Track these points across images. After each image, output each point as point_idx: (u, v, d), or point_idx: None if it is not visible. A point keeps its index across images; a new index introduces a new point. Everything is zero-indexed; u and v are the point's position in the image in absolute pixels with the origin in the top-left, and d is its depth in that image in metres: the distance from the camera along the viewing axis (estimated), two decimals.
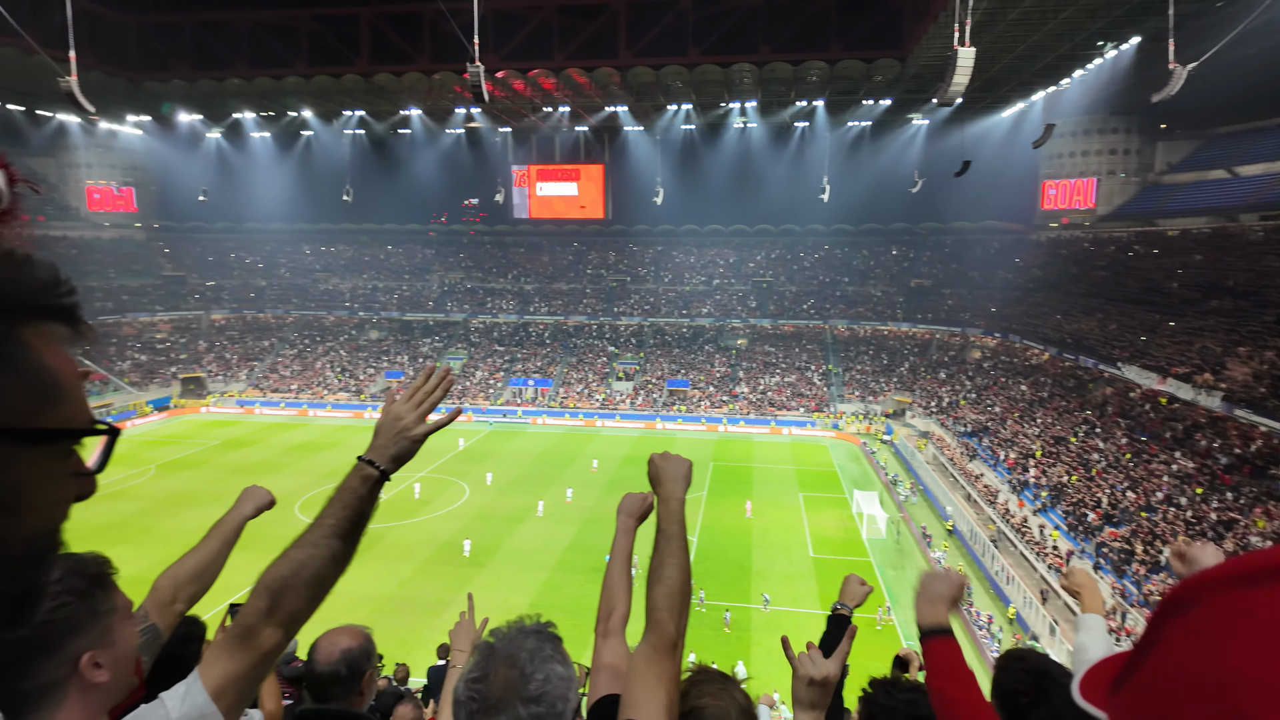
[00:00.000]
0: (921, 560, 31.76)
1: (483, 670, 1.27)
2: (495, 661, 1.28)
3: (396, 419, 1.64)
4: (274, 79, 54.20)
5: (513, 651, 1.30)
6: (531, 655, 1.29)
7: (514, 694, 1.23)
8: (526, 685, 1.25)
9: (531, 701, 1.23)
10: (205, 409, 59.76)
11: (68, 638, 1.30)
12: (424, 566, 30.16)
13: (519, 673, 1.26)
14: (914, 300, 67.00)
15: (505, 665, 1.27)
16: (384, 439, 1.63)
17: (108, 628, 1.37)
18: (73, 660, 1.29)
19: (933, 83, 44.65)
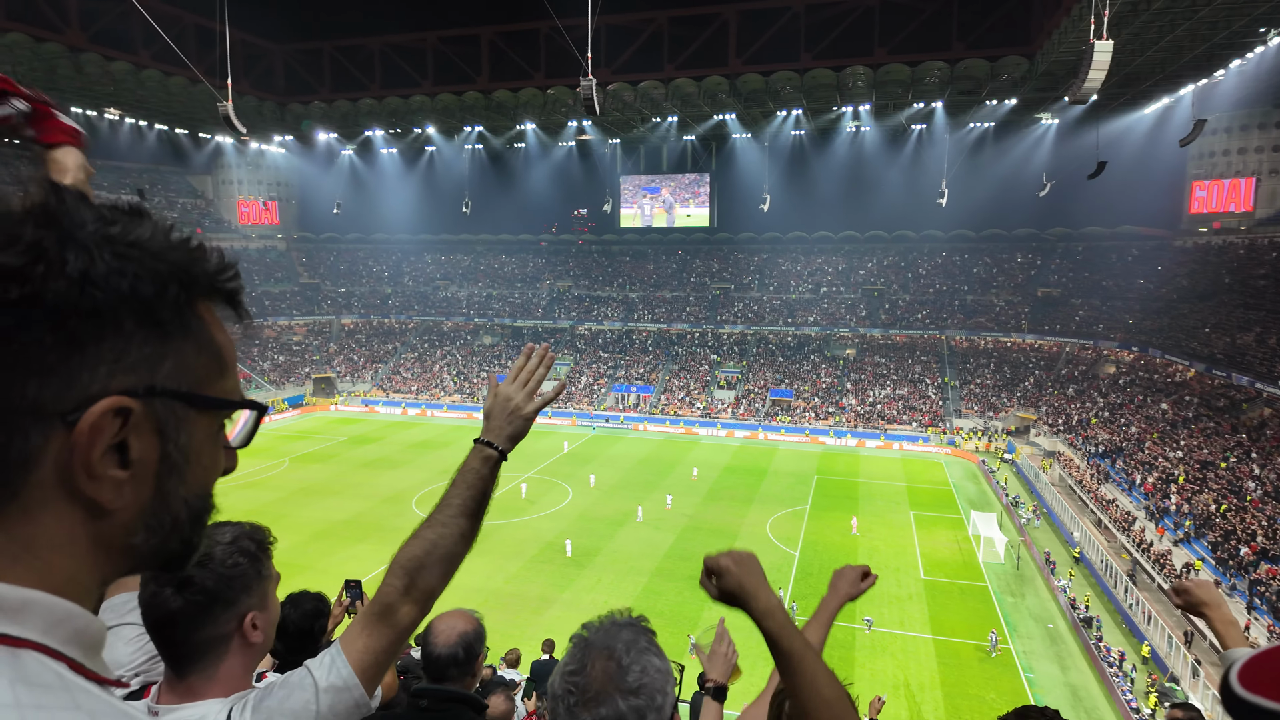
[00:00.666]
0: (1044, 588, 29.67)
1: (579, 662, 1.26)
2: (592, 653, 1.26)
3: (507, 400, 1.73)
4: (402, 98, 57.79)
5: (609, 643, 1.28)
6: (628, 647, 1.27)
7: (613, 685, 1.22)
8: (625, 676, 1.23)
9: (631, 694, 1.21)
10: (334, 407, 64.15)
11: (240, 594, 1.43)
12: (529, 564, 31.06)
13: (617, 664, 1.24)
14: (1041, 310, 62.85)
15: (603, 657, 1.25)
16: (498, 420, 1.72)
17: (266, 592, 1.51)
18: (240, 617, 1.43)
19: (1064, 80, 41.89)
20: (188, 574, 1.37)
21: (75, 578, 0.61)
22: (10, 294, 0.55)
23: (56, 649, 0.57)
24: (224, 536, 1.48)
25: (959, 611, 27.39)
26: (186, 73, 44.81)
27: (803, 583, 29.62)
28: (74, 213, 0.60)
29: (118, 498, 0.61)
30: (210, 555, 1.42)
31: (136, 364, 0.61)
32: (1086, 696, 22.39)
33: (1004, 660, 24.14)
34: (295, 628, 3.00)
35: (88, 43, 45.62)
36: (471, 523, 1.59)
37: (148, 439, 0.62)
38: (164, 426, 0.63)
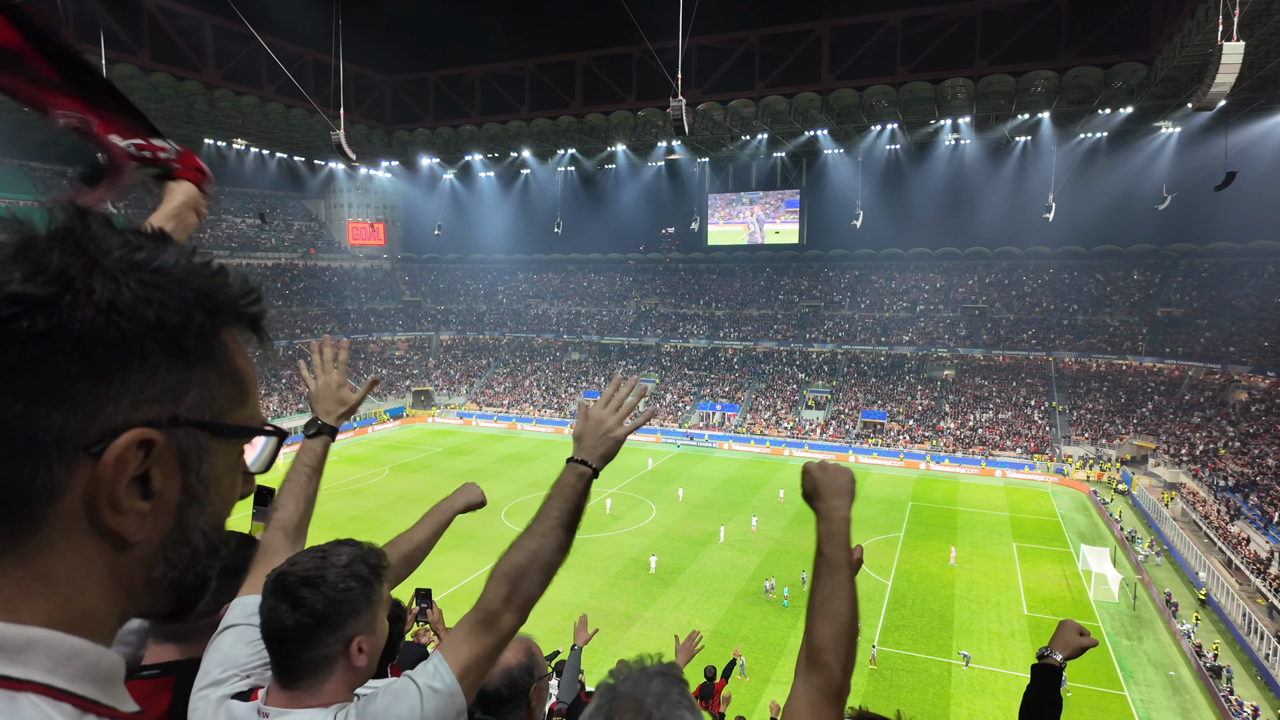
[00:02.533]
0: (1164, 631, 27.34)
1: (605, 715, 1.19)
2: (619, 706, 1.20)
3: (600, 423, 1.81)
4: (500, 124, 60.17)
5: (638, 695, 1.21)
6: (659, 700, 1.20)
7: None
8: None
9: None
10: (431, 419, 66.77)
11: (348, 619, 1.47)
12: (614, 579, 31.21)
13: (646, 717, 1.18)
14: (1160, 332, 58.47)
15: (631, 711, 1.19)
16: (590, 441, 1.81)
17: (375, 616, 1.55)
18: (347, 640, 1.47)
19: (1187, 86, 39.15)
20: (300, 594, 1.43)
21: (92, 612, 0.60)
22: (38, 325, 0.54)
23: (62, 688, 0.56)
24: (340, 559, 1.51)
25: None
26: (305, 105, 48.27)
27: (895, 613, 28.45)
28: (100, 238, 0.59)
29: (140, 529, 0.61)
30: (323, 577, 1.46)
31: (161, 394, 0.60)
32: None
33: (1116, 707, 22.36)
34: None
35: (221, 80, 49.86)
36: (568, 534, 1.67)
37: (170, 470, 0.62)
38: (186, 457, 0.63)
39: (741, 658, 22.26)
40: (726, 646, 25.54)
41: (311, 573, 1.47)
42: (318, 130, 54.77)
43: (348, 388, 2.10)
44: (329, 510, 39.75)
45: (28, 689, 0.54)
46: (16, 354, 0.54)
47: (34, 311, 0.54)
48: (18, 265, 0.56)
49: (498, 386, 71.30)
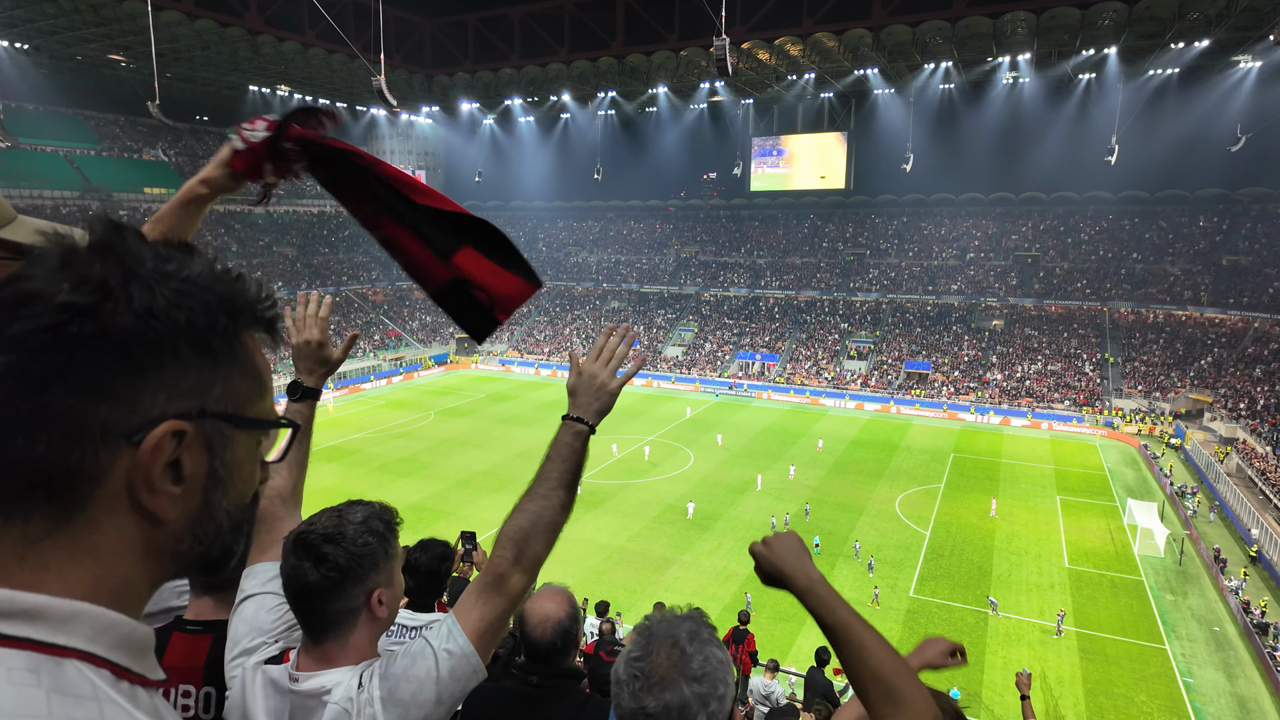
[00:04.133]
0: (1210, 587, 26.92)
1: (644, 649, 1.29)
2: (656, 641, 1.30)
3: (593, 377, 1.82)
4: (540, 66, 59.13)
5: (673, 632, 1.31)
6: (691, 637, 1.30)
7: (678, 671, 1.25)
8: (689, 663, 1.26)
9: (695, 680, 1.25)
10: (474, 365, 67.95)
11: (369, 571, 1.55)
12: (651, 524, 31.83)
13: (680, 651, 1.27)
14: (1225, 281, 55.85)
15: (666, 644, 1.29)
16: (585, 397, 1.82)
17: (393, 569, 1.63)
18: (369, 592, 1.55)
19: (1269, 16, 36.41)
20: (323, 551, 1.51)
21: (129, 581, 0.70)
22: (85, 329, 0.63)
23: (102, 656, 0.64)
24: (355, 516, 1.58)
25: (1108, 605, 25.45)
26: (346, 50, 48.04)
27: (932, 563, 28.53)
28: (135, 251, 0.68)
29: (172, 509, 0.69)
30: (343, 533, 1.54)
31: (191, 389, 0.69)
32: (1256, 710, 20.27)
33: (1158, 660, 22.25)
34: (426, 569, 3.30)
35: (263, 25, 49.83)
36: (569, 494, 1.69)
37: (199, 456, 0.70)
38: (212, 445, 0.72)
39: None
40: (762, 592, 25.98)
41: (331, 530, 1.55)
42: (359, 76, 54.61)
43: (330, 346, 2.09)
44: (379, 452, 41.14)
45: (72, 655, 0.63)
46: (67, 355, 0.63)
47: (81, 318, 0.63)
48: (65, 277, 0.64)
49: (538, 335, 71.96)
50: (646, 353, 64.54)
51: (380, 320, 69.47)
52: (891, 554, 29.12)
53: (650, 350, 66.22)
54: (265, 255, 68.64)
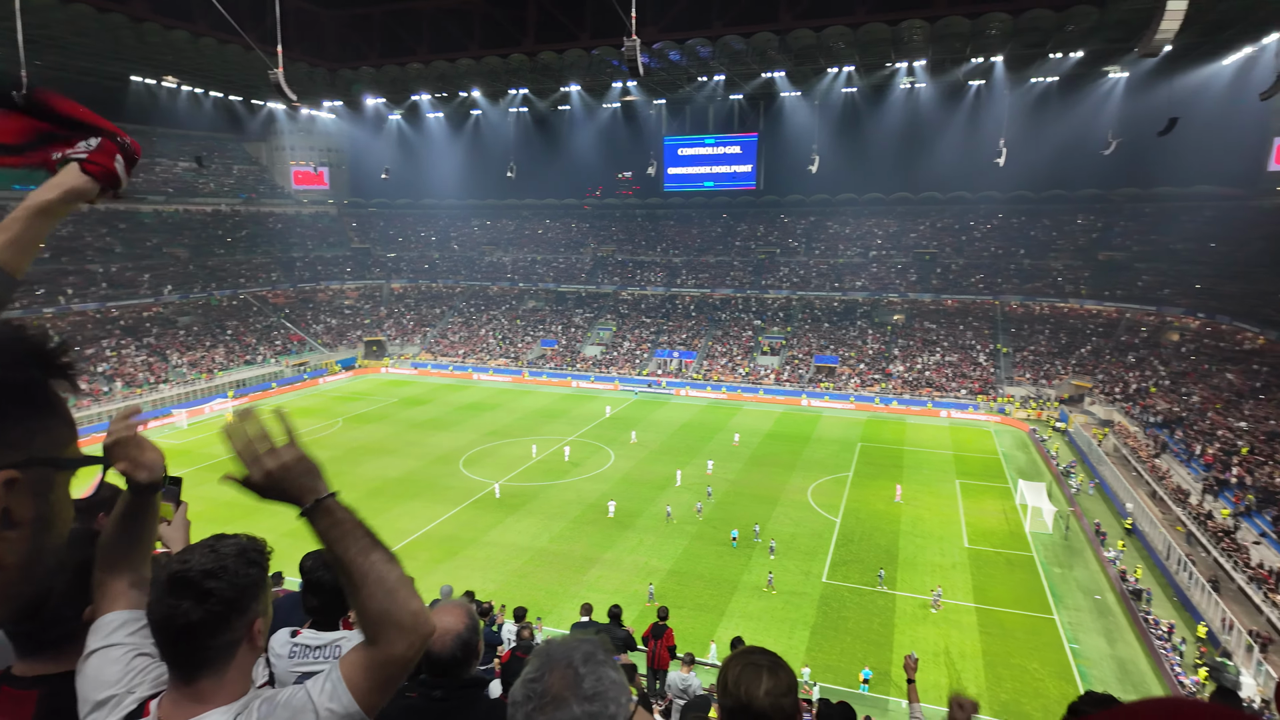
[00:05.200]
0: (1093, 560, 29.13)
1: (539, 671, 1.35)
2: (552, 663, 1.36)
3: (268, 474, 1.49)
4: (449, 61, 57.82)
5: (569, 655, 1.38)
6: (586, 658, 1.37)
7: (570, 691, 1.31)
8: (581, 684, 1.32)
9: (587, 700, 1.31)
10: (384, 369, 65.87)
11: (251, 602, 1.51)
12: (573, 524, 31.74)
13: (574, 673, 1.34)
14: (1102, 275, 60.45)
15: (561, 666, 1.36)
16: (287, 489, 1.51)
17: (269, 600, 1.60)
18: (250, 623, 1.51)
19: (1138, 30, 39.56)
20: (207, 586, 1.44)
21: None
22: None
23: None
24: (230, 549, 1.54)
25: (1004, 581, 27.14)
26: (240, 40, 45.57)
27: (843, 548, 29.66)
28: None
29: (9, 554, 0.74)
30: (224, 567, 1.48)
31: (17, 440, 0.74)
32: (1134, 670, 22.09)
33: (1047, 630, 23.91)
34: (331, 586, 3.17)
35: (149, 12, 46.59)
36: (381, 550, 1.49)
37: (27, 501, 0.75)
38: (39, 489, 0.77)
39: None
40: (684, 586, 26.41)
41: (211, 565, 1.49)
42: (255, 68, 51.80)
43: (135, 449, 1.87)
44: None
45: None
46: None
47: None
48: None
49: (452, 336, 70.46)
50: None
51: (282, 324, 66.35)
52: (806, 542, 30.10)
53: (569, 350, 65.96)
54: (155, 257, 64.33)
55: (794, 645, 22.69)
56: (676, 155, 75.16)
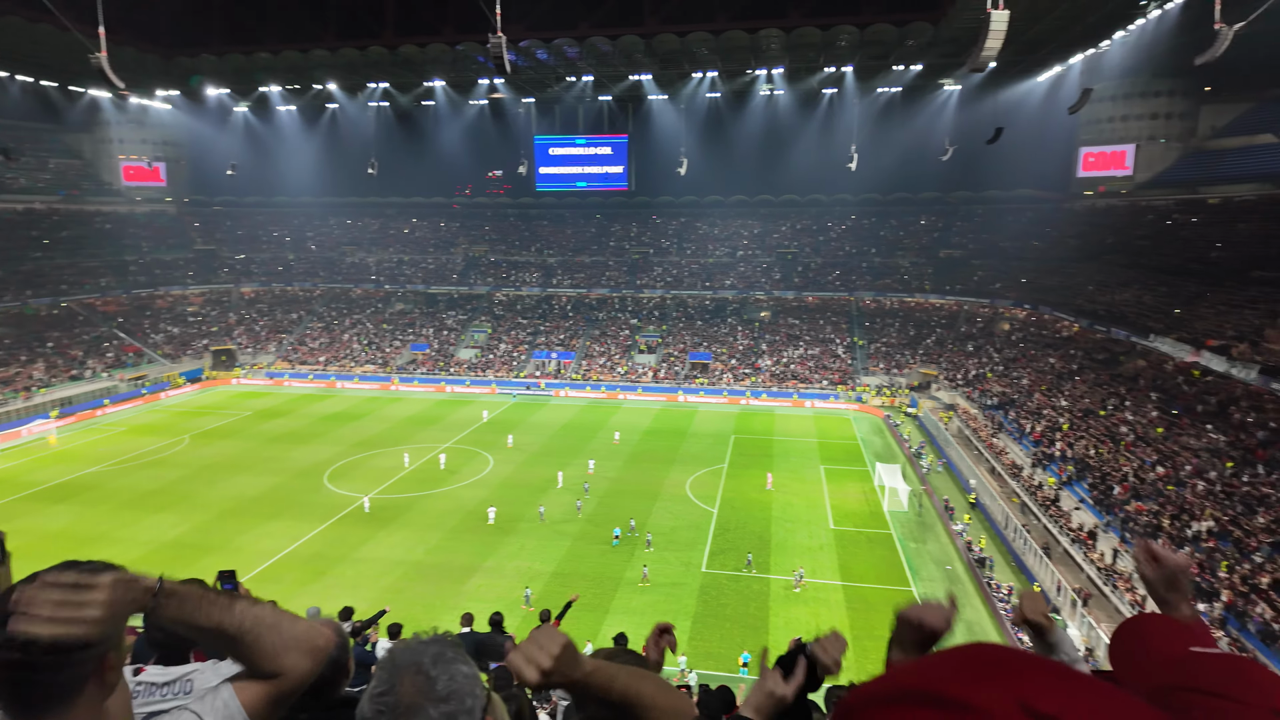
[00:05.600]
0: (943, 533, 31.74)
1: (388, 683, 1.30)
2: (400, 671, 1.32)
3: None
4: (301, 52, 54.32)
5: (416, 659, 1.34)
6: (435, 659, 1.33)
7: (423, 697, 1.28)
8: (434, 686, 1.29)
9: (442, 701, 1.28)
10: (236, 380, 61.14)
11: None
12: (451, 534, 30.84)
13: (425, 677, 1.30)
14: (943, 271, 65.95)
15: (411, 673, 1.31)
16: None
17: (123, 630, 1.45)
18: (100, 656, 1.37)
19: (966, 47, 43.40)
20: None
21: None
22: None
23: None
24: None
25: (867, 558, 29.01)
26: (53, 19, 40.72)
27: (720, 537, 30.64)
28: None
29: None
30: None
31: None
32: (980, 631, 24.25)
33: (906, 601, 25.75)
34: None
35: None
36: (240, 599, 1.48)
37: None
38: None
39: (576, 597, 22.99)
40: (567, 586, 26.31)
41: None
42: (74, 51, 46.37)
43: None
44: (123, 486, 35.63)
45: None
46: None
47: None
48: None
49: (312, 342, 66.50)
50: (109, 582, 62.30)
51: (114, 334, 60.03)
52: (685, 534, 30.85)
53: (441, 354, 63.98)
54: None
55: (676, 636, 23.13)
56: (548, 155, 74.69)
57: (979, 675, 0.45)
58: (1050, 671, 0.46)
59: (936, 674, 0.47)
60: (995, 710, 0.43)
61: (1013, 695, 0.44)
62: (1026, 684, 0.45)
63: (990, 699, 0.44)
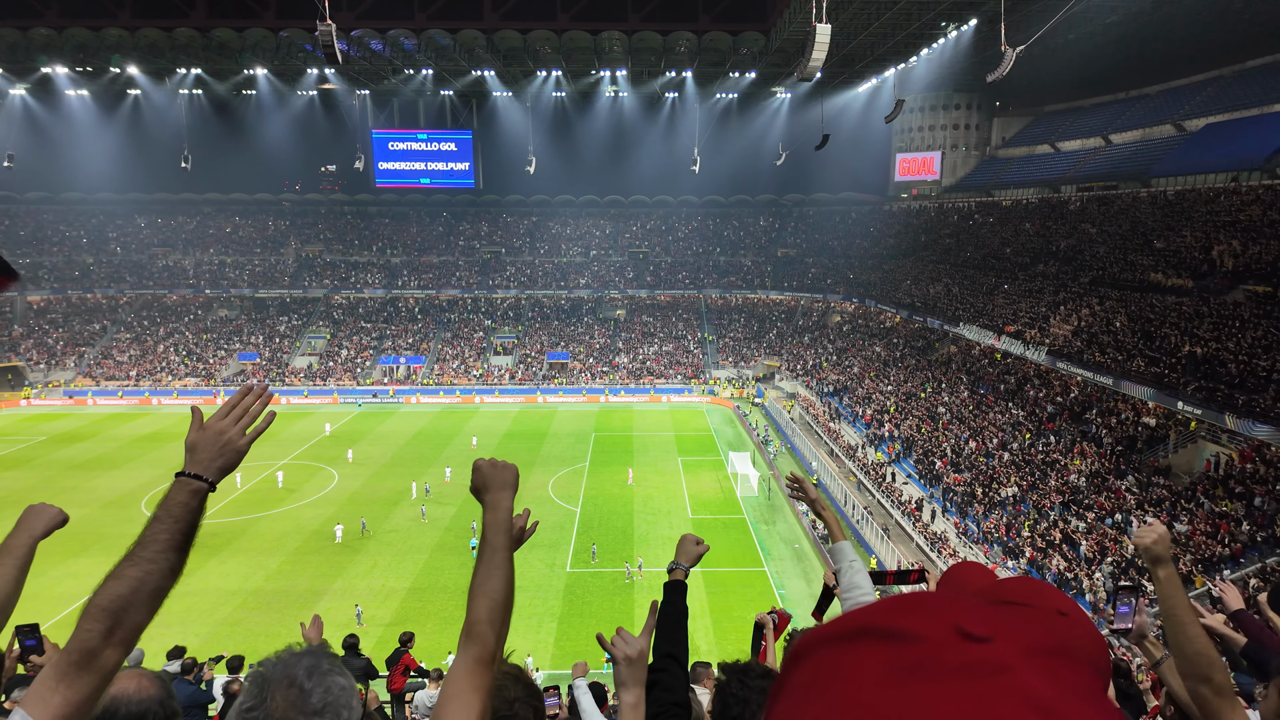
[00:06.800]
0: (790, 514, 33.68)
1: (258, 698, 1.23)
2: (271, 686, 1.25)
3: (220, 433, 1.63)
4: (91, 30, 48.16)
5: (290, 672, 1.27)
6: (310, 672, 1.27)
7: (296, 710, 1.21)
8: (309, 699, 1.23)
9: (316, 714, 1.22)
10: (25, 401, 53.37)
11: None
12: (293, 557, 28.68)
13: (299, 690, 1.24)
14: (781, 269, 69.93)
15: (283, 686, 1.24)
16: (206, 453, 1.61)
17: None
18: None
19: (795, 57, 46.20)
20: None
21: None
22: None
23: None
24: None
25: (723, 543, 30.16)
26: None
27: (584, 536, 30.69)
28: None
29: None
30: None
31: None
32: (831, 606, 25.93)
33: (760, 581, 27.12)
34: None
35: None
36: (180, 556, 1.47)
37: None
38: None
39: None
40: (424, 602, 25.31)
41: None
42: None
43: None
44: None
45: None
46: None
47: None
48: None
49: (120, 355, 59.36)
50: (272, 409, 57.85)
51: None
52: (548, 535, 30.59)
53: (274, 362, 59.28)
54: None
55: (542, 639, 22.96)
56: (387, 149, 71.24)
57: (917, 609, 0.51)
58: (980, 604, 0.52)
59: (879, 612, 0.52)
60: (933, 635, 0.49)
61: (951, 621, 0.50)
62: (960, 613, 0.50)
63: (928, 627, 0.50)
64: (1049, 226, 46.87)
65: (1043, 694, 0.45)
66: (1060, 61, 46.23)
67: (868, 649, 0.50)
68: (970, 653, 0.48)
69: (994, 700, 0.44)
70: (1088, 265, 39.43)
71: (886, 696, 0.46)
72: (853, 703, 0.46)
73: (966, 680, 0.46)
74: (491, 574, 1.62)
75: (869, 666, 0.48)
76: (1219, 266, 31.48)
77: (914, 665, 0.47)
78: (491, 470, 1.82)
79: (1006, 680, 0.46)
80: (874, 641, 0.50)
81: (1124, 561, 22.74)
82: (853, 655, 0.50)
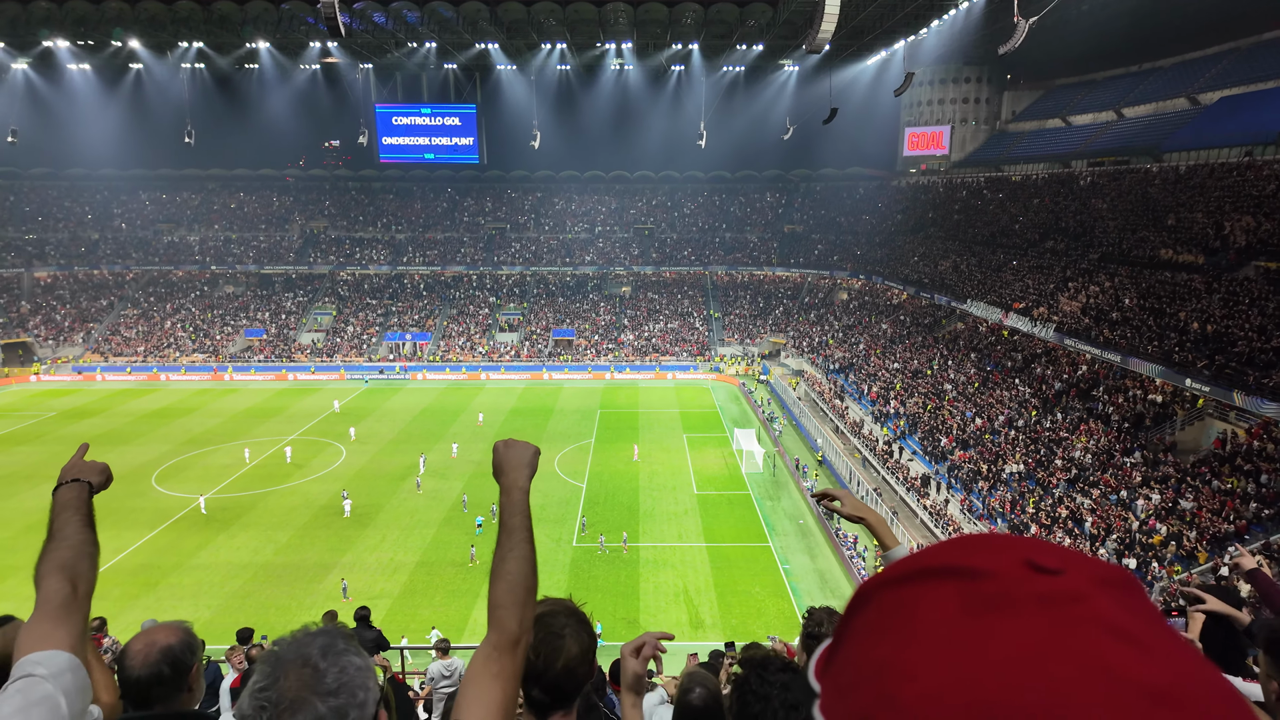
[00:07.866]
0: (795, 490, 33.81)
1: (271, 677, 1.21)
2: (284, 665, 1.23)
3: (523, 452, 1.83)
4: (91, 3, 47.69)
5: (303, 652, 1.25)
6: (324, 651, 1.25)
7: (309, 690, 1.20)
8: (323, 679, 1.21)
9: (330, 695, 1.20)
10: (35, 377, 53.76)
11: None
12: (302, 531, 28.98)
13: (313, 670, 1.22)
14: (787, 246, 69.47)
15: (296, 666, 1.23)
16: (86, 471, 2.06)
17: None
18: None
19: (803, 29, 45.49)
20: None
21: None
22: None
23: None
24: None
25: (728, 519, 30.36)
26: None
27: (590, 511, 30.90)
28: None
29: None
30: None
31: None
32: (831, 578, 26.17)
33: (764, 556, 27.32)
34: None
35: None
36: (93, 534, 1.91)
37: None
38: None
39: None
40: (433, 575, 25.61)
41: None
42: None
43: None
44: None
45: None
46: None
47: None
48: None
49: (128, 332, 59.62)
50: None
51: None
52: (555, 510, 30.83)
53: (281, 339, 59.45)
54: None
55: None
56: (391, 124, 70.73)
57: (984, 547, 0.52)
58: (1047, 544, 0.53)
59: (942, 552, 0.53)
60: (1002, 570, 0.49)
61: (1019, 556, 0.51)
62: (1028, 548, 0.51)
63: (997, 562, 0.50)
64: (1059, 202, 46.35)
65: (1119, 619, 0.46)
66: (1073, 33, 45.34)
67: (936, 587, 0.50)
68: (1043, 584, 0.48)
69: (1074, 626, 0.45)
70: (1097, 241, 39.04)
71: (964, 628, 0.46)
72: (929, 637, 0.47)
73: (1044, 609, 0.46)
74: (507, 556, 1.60)
75: (941, 602, 0.49)
76: (1231, 242, 31.14)
77: (988, 599, 0.48)
78: (506, 451, 1.83)
79: (1084, 608, 0.46)
80: (941, 580, 0.51)
81: (1128, 538, 22.80)
82: (922, 594, 0.50)
